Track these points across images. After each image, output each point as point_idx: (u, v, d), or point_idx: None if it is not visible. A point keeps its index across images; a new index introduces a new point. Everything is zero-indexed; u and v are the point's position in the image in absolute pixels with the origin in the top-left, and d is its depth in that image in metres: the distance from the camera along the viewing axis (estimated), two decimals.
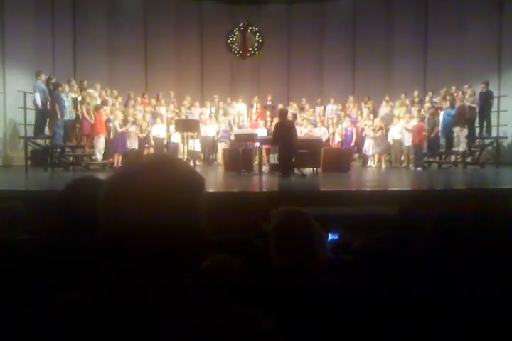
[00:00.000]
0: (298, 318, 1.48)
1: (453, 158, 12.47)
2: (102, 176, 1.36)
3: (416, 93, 13.58)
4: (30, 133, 11.18)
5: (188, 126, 11.05)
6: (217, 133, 13.45)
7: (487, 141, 12.19)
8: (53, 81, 11.32)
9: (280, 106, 14.18)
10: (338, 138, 13.27)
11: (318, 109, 14.78)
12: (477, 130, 12.14)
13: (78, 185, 1.67)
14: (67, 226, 1.59)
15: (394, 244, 2.68)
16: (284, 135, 9.18)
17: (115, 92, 12.88)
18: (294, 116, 13.62)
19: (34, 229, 2.75)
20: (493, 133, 12.03)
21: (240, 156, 10.34)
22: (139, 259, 0.76)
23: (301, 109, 14.65)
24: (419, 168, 11.70)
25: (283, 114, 9.87)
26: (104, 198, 0.79)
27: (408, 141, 12.13)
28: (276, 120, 11.15)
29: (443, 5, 14.46)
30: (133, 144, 11.67)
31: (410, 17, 15.27)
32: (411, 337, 1.87)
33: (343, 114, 13.99)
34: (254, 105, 14.78)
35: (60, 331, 0.73)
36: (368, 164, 13.18)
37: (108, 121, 11.39)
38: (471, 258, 2.35)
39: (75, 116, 11.35)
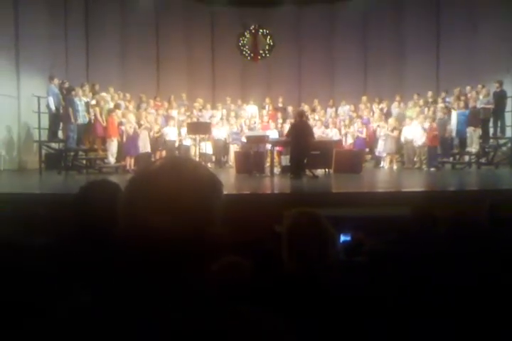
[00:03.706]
0: (308, 319, 1.48)
1: (467, 158, 12.34)
2: (114, 179, 1.38)
3: (430, 93, 13.46)
4: (44, 137, 11.30)
5: (199, 128, 11.11)
6: (229, 135, 13.48)
7: (501, 141, 12.04)
8: (67, 85, 11.44)
9: (290, 108, 14.20)
10: (350, 140, 13.23)
11: (330, 110, 14.72)
12: (491, 130, 12.01)
13: (92, 188, 1.70)
14: (82, 229, 1.61)
15: (406, 246, 2.66)
16: (297, 136, 9.18)
17: (128, 95, 12.96)
18: (306, 117, 13.57)
19: (50, 231, 2.78)
20: (508, 134, 11.88)
21: (251, 158, 10.35)
22: (154, 261, 0.77)
23: (313, 110, 14.61)
24: (432, 169, 11.60)
25: (298, 114, 9.89)
26: (125, 200, 0.80)
27: (420, 141, 12.02)
28: (291, 121, 11.20)
29: (454, 4, 14.33)
30: (145, 147, 11.74)
31: (421, 17, 15.12)
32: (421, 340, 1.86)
33: (355, 115, 13.93)
34: (266, 107, 14.78)
35: (71, 333, 0.74)
36: (381, 165, 13.09)
37: (121, 124, 11.47)
38: (484, 261, 2.33)
39: (88, 119, 11.46)
